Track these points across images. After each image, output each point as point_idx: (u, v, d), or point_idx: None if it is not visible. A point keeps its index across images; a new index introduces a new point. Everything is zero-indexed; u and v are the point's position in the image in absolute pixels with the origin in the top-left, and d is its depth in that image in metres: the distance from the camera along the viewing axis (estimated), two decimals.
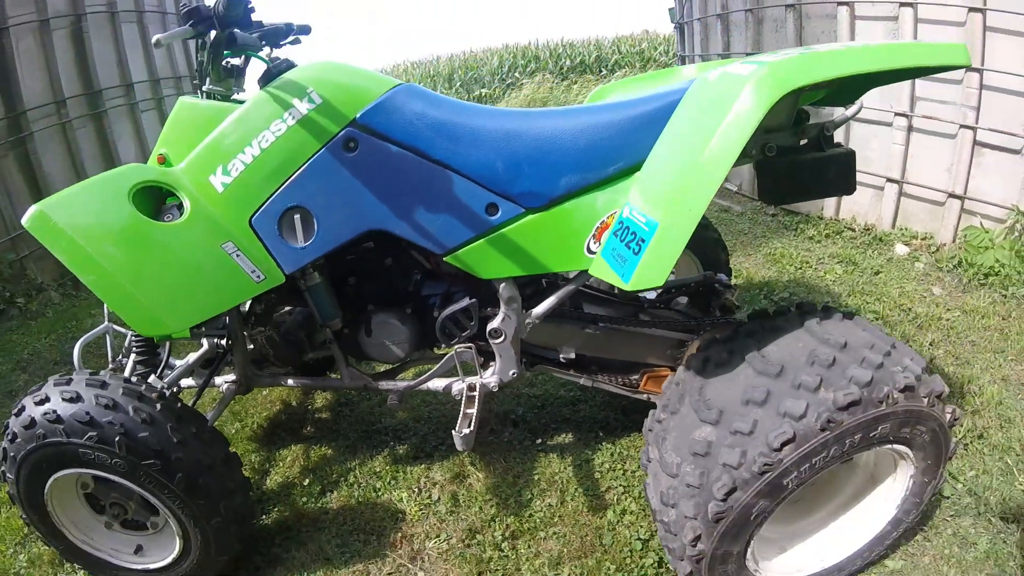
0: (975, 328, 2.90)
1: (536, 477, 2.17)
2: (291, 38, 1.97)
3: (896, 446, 1.44)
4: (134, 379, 1.70)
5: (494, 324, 1.78)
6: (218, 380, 2.15)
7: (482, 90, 14.10)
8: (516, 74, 14.13)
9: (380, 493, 2.18)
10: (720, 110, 1.26)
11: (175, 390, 1.92)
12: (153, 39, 1.44)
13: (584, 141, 1.55)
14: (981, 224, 3.51)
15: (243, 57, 1.83)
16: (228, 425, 2.64)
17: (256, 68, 1.74)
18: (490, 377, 1.87)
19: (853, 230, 4.22)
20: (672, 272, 1.45)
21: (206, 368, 2.17)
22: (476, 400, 1.78)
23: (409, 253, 1.85)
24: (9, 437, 1.58)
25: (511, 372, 1.83)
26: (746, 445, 1.28)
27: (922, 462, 1.51)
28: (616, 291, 2.00)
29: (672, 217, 1.29)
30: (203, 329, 1.89)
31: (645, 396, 2.00)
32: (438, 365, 1.93)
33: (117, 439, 1.51)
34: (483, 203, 1.60)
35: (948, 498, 1.92)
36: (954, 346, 2.77)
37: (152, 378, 1.85)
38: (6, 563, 2.05)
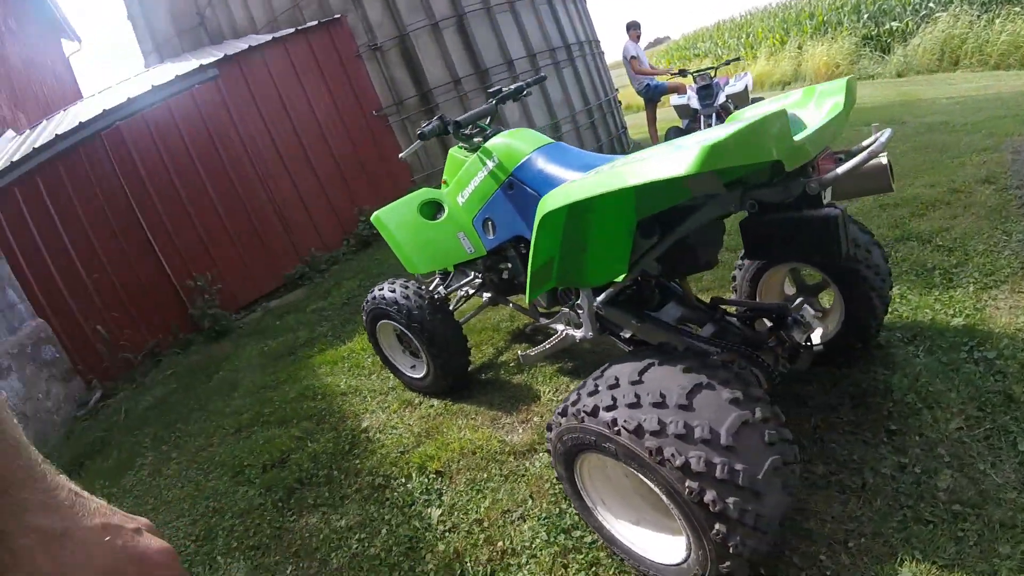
0: None
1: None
2: (524, 93, 2.85)
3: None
4: (424, 289, 3.12)
5: (577, 300, 2.42)
6: (485, 298, 3.31)
7: (892, 23, 12.86)
8: (931, 4, 12.42)
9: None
10: (661, 156, 1.29)
11: (444, 297, 3.20)
12: (399, 156, 2.86)
13: None
14: None
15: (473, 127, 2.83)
16: (486, 328, 4.17)
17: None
18: (576, 332, 2.54)
19: None
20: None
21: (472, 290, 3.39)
22: (556, 341, 2.63)
23: None
24: (366, 302, 3.22)
25: (588, 333, 2.27)
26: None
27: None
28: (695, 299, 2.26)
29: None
30: (439, 274, 3.31)
31: None
32: (557, 315, 2.81)
33: (405, 311, 2.97)
34: None
35: None
36: None
37: (440, 289, 3.24)
38: (347, 376, 3.99)
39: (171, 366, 5.78)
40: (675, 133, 7.10)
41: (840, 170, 1.46)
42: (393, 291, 3.07)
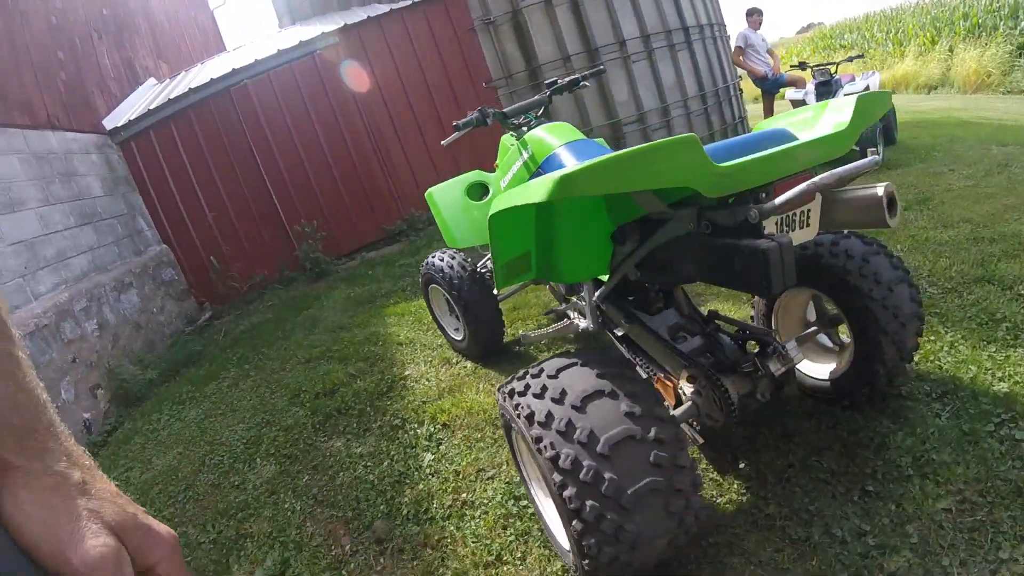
0: None
1: None
2: (579, 85, 2.87)
3: None
4: (468, 263, 3.34)
5: (579, 295, 2.60)
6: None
7: None
8: None
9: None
10: (540, 179, 1.29)
11: (483, 273, 3.38)
12: (442, 142, 3.04)
13: None
14: None
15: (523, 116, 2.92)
16: (530, 305, 4.33)
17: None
18: (580, 321, 2.62)
19: None
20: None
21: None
22: (559, 327, 2.80)
23: None
24: (423, 265, 3.46)
25: (589, 325, 2.39)
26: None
27: None
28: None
29: None
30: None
31: None
32: (571, 303, 2.88)
33: (448, 279, 3.21)
34: None
35: None
36: None
37: (487, 264, 3.41)
38: (408, 329, 4.31)
39: (271, 299, 6.42)
40: None
41: (777, 201, 1.38)
42: (442, 260, 3.32)
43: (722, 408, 1.76)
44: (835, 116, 1.61)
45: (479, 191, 3.21)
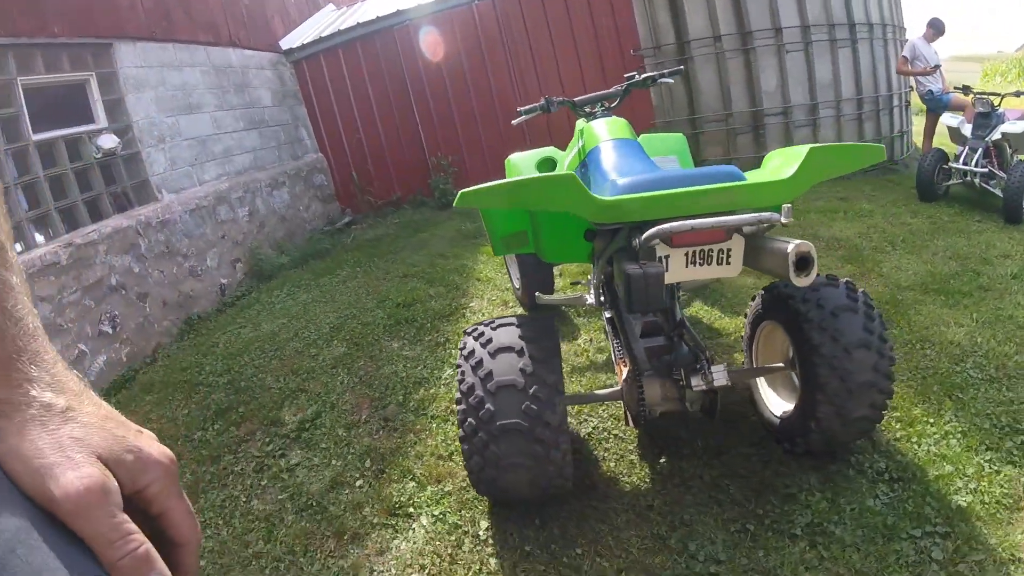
0: None
1: None
2: (655, 82, 2.86)
3: None
4: None
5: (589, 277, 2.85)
6: None
7: None
8: None
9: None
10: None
11: None
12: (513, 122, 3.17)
13: None
14: None
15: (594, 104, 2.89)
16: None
17: None
18: (589, 297, 2.88)
19: None
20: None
21: None
22: (570, 297, 3.13)
23: None
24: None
25: (590, 300, 2.69)
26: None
27: None
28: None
29: None
30: None
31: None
32: (587, 281, 3.07)
33: None
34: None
35: None
36: None
37: None
38: (493, 269, 4.87)
39: (398, 218, 7.30)
40: (934, 158, 5.78)
41: (643, 235, 1.59)
42: None
43: (640, 403, 1.96)
44: (784, 164, 1.71)
45: (549, 166, 3.34)
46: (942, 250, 4.12)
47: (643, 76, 2.88)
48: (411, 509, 2.16)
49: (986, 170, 5.22)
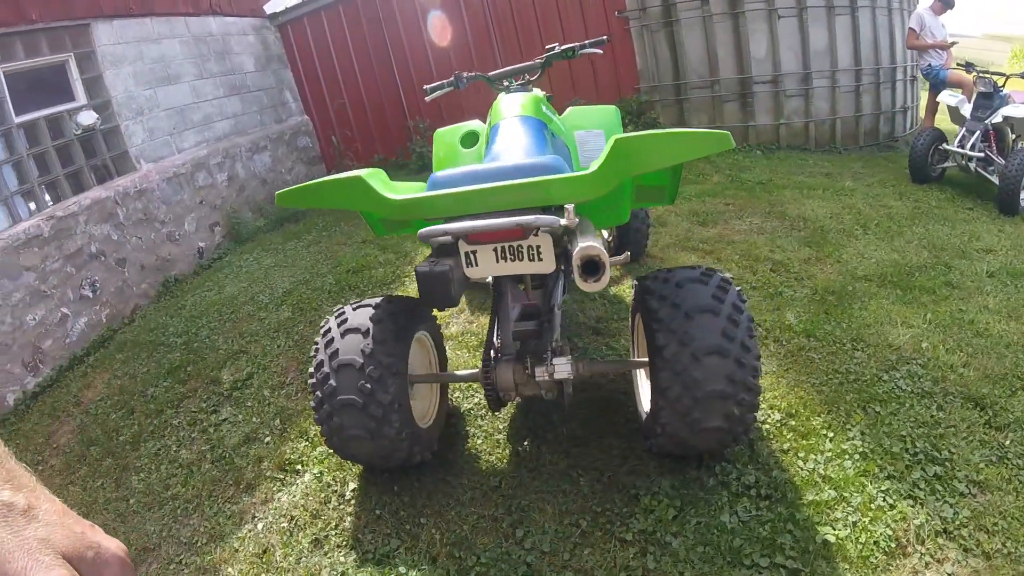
0: None
1: None
2: (576, 54, 2.86)
3: None
4: None
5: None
6: None
7: None
8: None
9: None
10: None
11: None
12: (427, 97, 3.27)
13: None
14: None
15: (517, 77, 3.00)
16: None
17: None
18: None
19: None
20: None
21: None
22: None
23: None
24: None
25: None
26: None
27: None
28: None
29: None
30: None
31: None
32: None
33: None
34: None
35: None
36: None
37: None
38: None
39: None
40: (929, 138, 5.61)
41: (426, 231, 1.68)
42: None
43: (489, 387, 2.04)
44: (596, 157, 1.64)
45: (472, 140, 3.32)
46: (917, 238, 3.97)
47: (564, 47, 2.85)
48: (299, 466, 2.56)
49: (983, 155, 5.01)
